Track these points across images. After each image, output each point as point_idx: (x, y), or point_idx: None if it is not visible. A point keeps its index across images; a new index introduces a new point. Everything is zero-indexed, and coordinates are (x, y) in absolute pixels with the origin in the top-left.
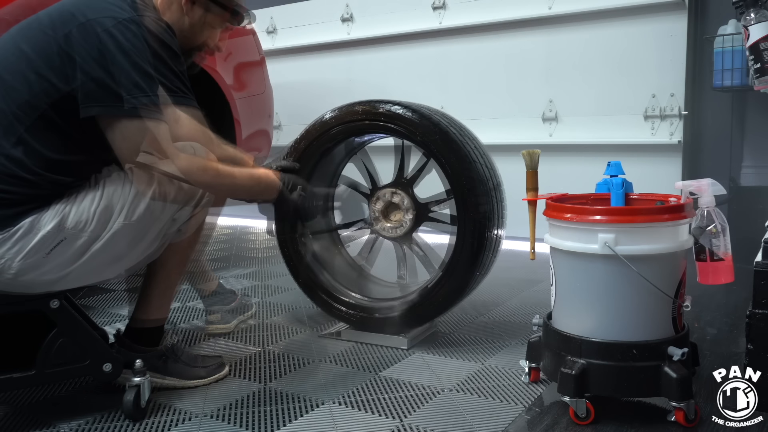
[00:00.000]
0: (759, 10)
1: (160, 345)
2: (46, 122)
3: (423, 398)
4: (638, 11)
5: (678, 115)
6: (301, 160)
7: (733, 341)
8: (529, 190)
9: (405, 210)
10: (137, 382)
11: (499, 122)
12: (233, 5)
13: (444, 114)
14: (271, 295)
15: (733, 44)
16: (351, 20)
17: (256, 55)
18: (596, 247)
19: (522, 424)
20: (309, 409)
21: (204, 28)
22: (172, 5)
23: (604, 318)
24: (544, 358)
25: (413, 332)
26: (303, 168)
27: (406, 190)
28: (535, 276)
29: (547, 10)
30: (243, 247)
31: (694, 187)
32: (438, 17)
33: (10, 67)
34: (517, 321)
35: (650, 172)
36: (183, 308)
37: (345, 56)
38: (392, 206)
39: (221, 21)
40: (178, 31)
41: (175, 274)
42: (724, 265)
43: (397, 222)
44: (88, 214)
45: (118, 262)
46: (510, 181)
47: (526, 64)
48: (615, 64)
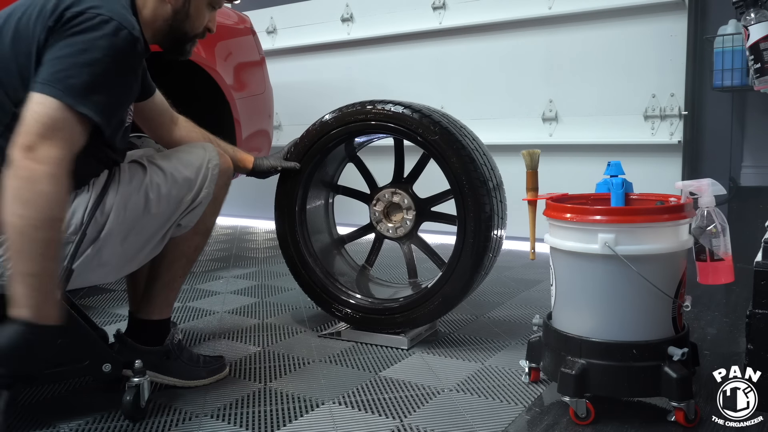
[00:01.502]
0: (759, 10)
1: (164, 343)
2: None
3: (423, 398)
4: (638, 11)
5: (678, 115)
6: (302, 161)
7: (733, 341)
8: (529, 190)
9: (406, 209)
10: (137, 382)
11: (499, 122)
12: None
13: (444, 113)
14: (271, 295)
15: (733, 44)
16: (351, 20)
17: (256, 55)
18: (596, 247)
19: (522, 424)
20: (309, 409)
21: (190, 13)
22: None
23: (604, 318)
24: (544, 358)
25: (413, 332)
26: (303, 168)
27: (405, 189)
28: (535, 276)
29: (547, 10)
30: (243, 247)
31: (694, 187)
32: (438, 17)
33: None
34: (517, 321)
35: (650, 172)
36: (183, 308)
37: (345, 56)
38: (393, 206)
39: (207, 3)
40: (162, 21)
41: (181, 276)
42: (724, 265)
43: (398, 221)
44: (80, 216)
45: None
46: (510, 181)
47: (526, 64)
48: (615, 64)
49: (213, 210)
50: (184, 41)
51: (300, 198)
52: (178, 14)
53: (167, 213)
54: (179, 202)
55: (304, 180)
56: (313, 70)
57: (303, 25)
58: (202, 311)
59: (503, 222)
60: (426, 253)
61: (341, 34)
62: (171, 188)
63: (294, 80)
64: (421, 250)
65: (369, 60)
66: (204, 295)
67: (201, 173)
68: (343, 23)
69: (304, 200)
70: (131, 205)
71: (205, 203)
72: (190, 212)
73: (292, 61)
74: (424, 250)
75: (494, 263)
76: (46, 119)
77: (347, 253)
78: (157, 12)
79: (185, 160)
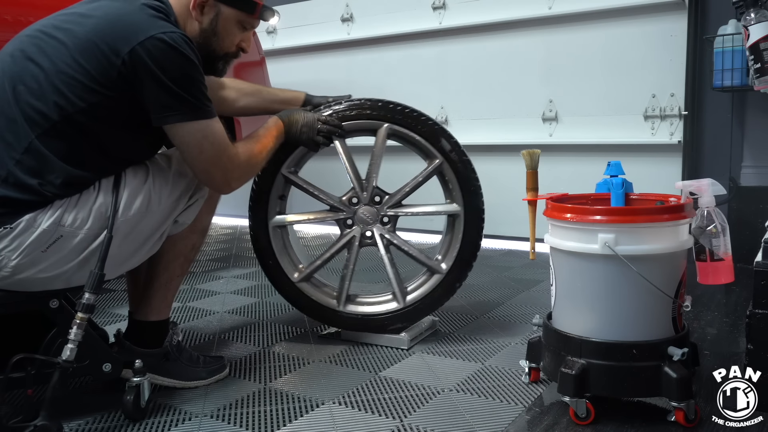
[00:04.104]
0: (759, 10)
1: (163, 345)
2: (60, 131)
3: (423, 398)
4: (638, 11)
5: (678, 115)
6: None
7: (733, 341)
8: (529, 190)
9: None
10: (137, 382)
11: (499, 122)
12: (250, 3)
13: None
14: (271, 295)
15: (733, 44)
16: (351, 20)
17: (256, 55)
18: (596, 247)
19: (522, 424)
20: (309, 409)
21: (218, 32)
22: (185, 13)
23: (604, 318)
24: (544, 358)
25: (413, 332)
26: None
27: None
28: (535, 276)
29: (547, 10)
30: (243, 247)
31: (694, 187)
32: (438, 17)
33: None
34: (517, 321)
35: (650, 172)
36: (183, 308)
37: (345, 56)
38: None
39: (237, 22)
40: (191, 37)
41: (178, 275)
42: (724, 265)
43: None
44: (86, 212)
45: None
46: (510, 181)
47: (526, 64)
48: (615, 64)
49: (209, 208)
50: (213, 59)
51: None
52: (205, 32)
53: (167, 211)
54: (178, 200)
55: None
56: (313, 70)
57: (303, 25)
58: (202, 311)
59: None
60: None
61: (341, 34)
62: (171, 186)
63: (294, 80)
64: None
65: (369, 60)
66: (204, 295)
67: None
68: (343, 23)
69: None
70: (135, 204)
71: (202, 200)
72: (187, 209)
73: (292, 61)
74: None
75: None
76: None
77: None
78: (187, 28)
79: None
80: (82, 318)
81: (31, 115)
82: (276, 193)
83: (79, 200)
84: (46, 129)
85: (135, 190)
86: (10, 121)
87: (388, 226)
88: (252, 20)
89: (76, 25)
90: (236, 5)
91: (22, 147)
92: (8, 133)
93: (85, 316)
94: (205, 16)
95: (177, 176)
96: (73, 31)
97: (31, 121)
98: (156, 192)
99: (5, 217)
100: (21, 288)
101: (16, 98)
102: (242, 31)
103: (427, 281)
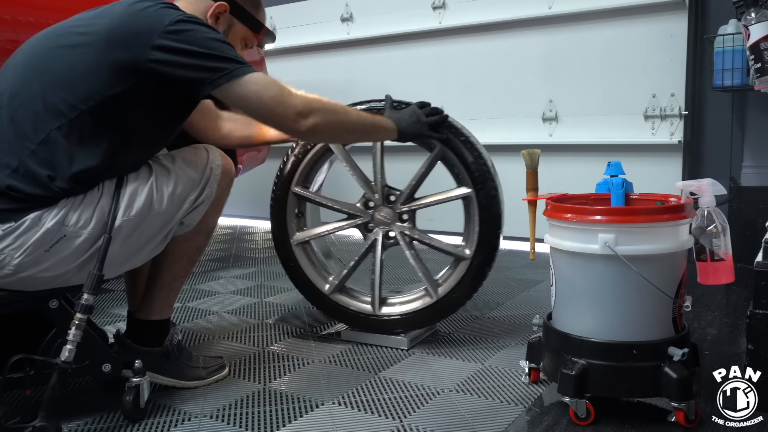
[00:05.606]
0: (759, 9)
1: (164, 344)
2: (83, 123)
3: (423, 398)
4: (638, 11)
5: (678, 115)
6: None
7: (733, 341)
8: (529, 190)
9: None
10: (137, 382)
11: (499, 122)
12: (259, 24)
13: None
14: (271, 295)
15: (733, 44)
16: (351, 20)
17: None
18: (596, 247)
19: (522, 424)
20: (309, 409)
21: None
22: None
23: (604, 318)
24: (544, 359)
25: (413, 332)
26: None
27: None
28: (535, 276)
29: (547, 10)
30: (243, 247)
31: (695, 187)
32: (438, 17)
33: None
34: (517, 321)
35: (650, 172)
36: (183, 309)
37: (345, 56)
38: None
39: (241, 38)
40: None
41: (181, 276)
42: (725, 265)
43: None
44: (89, 213)
45: (120, 261)
46: (510, 181)
47: (526, 63)
48: (615, 64)
49: (215, 210)
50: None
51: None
52: None
53: (171, 212)
54: (183, 201)
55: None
56: (312, 70)
57: (303, 24)
58: (202, 311)
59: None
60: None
61: (341, 33)
62: (175, 187)
63: (294, 80)
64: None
65: (369, 60)
66: (203, 296)
67: (204, 173)
68: (343, 23)
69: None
70: (137, 204)
71: (208, 202)
72: (192, 211)
73: (291, 60)
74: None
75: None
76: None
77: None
78: None
79: (189, 160)
80: (80, 319)
81: (56, 105)
82: (291, 211)
83: (84, 200)
84: (72, 119)
85: (137, 190)
86: (31, 112)
87: (407, 223)
88: (254, 40)
89: (102, 18)
90: (247, 22)
91: (39, 138)
92: (27, 123)
93: (84, 317)
94: (219, 27)
95: (181, 177)
96: (100, 25)
97: (55, 111)
98: (159, 193)
99: (11, 213)
100: (22, 287)
101: (42, 90)
102: (243, 48)
103: (454, 271)
